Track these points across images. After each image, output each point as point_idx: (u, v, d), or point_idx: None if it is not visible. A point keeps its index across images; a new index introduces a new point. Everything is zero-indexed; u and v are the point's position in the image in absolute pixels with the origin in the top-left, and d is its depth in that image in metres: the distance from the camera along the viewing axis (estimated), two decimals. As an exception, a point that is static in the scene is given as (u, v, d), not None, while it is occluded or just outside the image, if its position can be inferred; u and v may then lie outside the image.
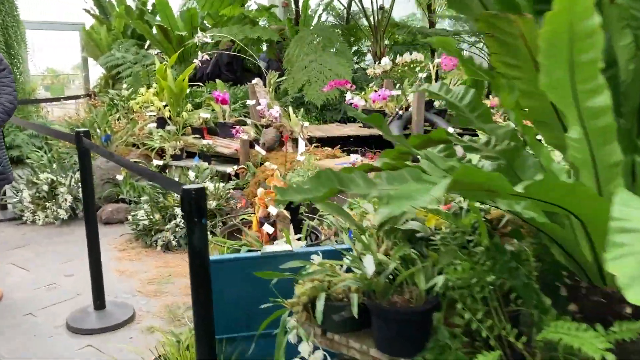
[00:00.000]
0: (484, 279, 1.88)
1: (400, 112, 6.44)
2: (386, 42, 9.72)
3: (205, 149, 5.97)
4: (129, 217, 5.20)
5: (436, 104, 6.61)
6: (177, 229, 4.92)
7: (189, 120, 6.52)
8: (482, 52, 10.18)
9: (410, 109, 6.51)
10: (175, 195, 5.01)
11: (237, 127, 5.64)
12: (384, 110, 6.79)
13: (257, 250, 3.27)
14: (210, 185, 5.24)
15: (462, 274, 1.86)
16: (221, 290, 2.48)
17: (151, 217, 4.99)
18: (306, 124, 5.75)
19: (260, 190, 4.11)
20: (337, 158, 5.54)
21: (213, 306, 2.17)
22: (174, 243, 4.89)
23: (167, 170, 5.95)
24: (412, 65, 7.03)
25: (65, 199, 5.60)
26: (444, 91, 2.57)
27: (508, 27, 1.75)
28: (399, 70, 7.03)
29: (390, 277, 2.04)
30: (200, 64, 6.68)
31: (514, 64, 1.87)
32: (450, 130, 6.36)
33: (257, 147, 5.61)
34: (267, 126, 6.11)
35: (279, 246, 2.54)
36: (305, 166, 5.17)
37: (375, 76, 7.23)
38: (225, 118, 6.82)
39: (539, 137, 2.04)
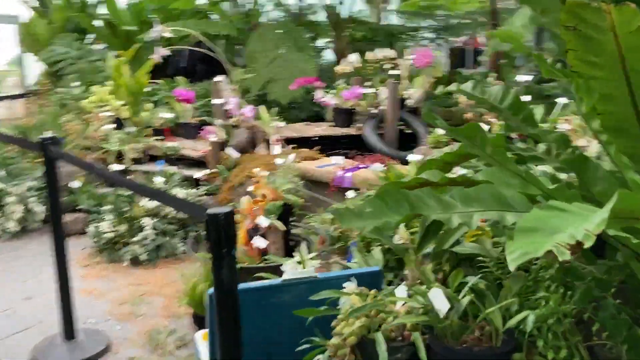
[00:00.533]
0: (562, 310, 1.63)
1: (375, 111, 6.20)
2: (344, 38, 9.45)
3: (170, 152, 5.53)
4: (90, 228, 4.72)
5: (409, 101, 6.40)
6: (146, 242, 4.48)
7: (150, 120, 6.04)
8: (442, 46, 10.06)
9: (380, 107, 6.27)
10: (143, 204, 4.57)
11: (207, 127, 5.23)
12: (354, 109, 6.53)
13: (253, 268, 2.90)
14: (181, 192, 4.82)
15: (553, 308, 1.60)
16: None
17: (116, 228, 4.53)
18: (280, 123, 5.41)
19: (245, 199, 3.76)
20: (315, 160, 5.23)
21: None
22: (143, 257, 4.46)
23: (127, 176, 5.48)
24: (380, 63, 6.80)
25: (14, 210, 5.04)
26: (479, 91, 2.32)
27: (596, 19, 1.50)
28: (369, 68, 6.78)
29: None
30: (160, 60, 6.20)
31: (596, 62, 1.62)
32: (422, 130, 6.16)
33: (228, 150, 5.23)
34: (235, 126, 5.74)
35: (300, 270, 2.22)
36: (285, 170, 4.83)
37: (343, 73, 6.96)
38: (187, 118, 6.39)
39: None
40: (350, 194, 4.55)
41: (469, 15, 9.64)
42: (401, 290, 1.77)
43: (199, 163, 5.61)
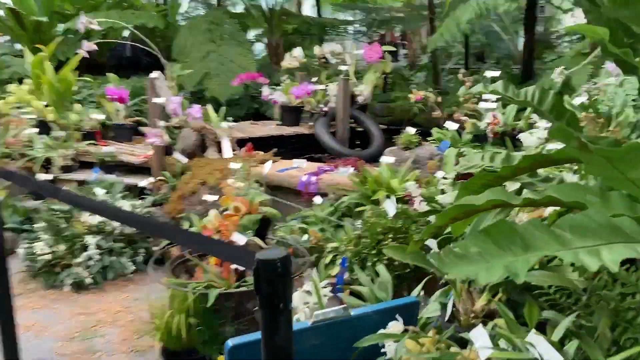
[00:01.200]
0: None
1: (325, 109, 5.91)
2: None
3: (107, 158, 4.96)
4: (20, 249, 4.11)
5: (359, 98, 6.16)
6: (90, 263, 3.95)
7: (79, 123, 5.41)
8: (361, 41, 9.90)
9: (329, 104, 5.99)
10: (85, 219, 4.03)
11: (151, 130, 4.72)
12: (302, 106, 6.21)
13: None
14: (125, 205, 4.30)
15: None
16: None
17: (54, 249, 3.96)
18: (231, 124, 5.00)
19: (213, 214, 3.35)
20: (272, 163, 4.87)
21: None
22: (88, 281, 3.92)
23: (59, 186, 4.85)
24: (325, 58, 6.51)
25: None
26: (512, 92, 2.08)
27: None
28: (315, 63, 6.48)
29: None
30: (86, 54, 5.57)
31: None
32: (374, 128, 5.94)
33: (175, 154, 4.75)
34: (178, 127, 5.25)
35: (333, 309, 1.88)
36: (242, 175, 4.44)
37: (288, 69, 6.61)
38: (121, 119, 5.80)
39: None
40: (317, 199, 4.25)
41: (403, 8, 9.56)
42: (480, 335, 1.48)
43: (140, 169, 5.08)
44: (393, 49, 6.87)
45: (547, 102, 2.01)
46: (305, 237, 3.90)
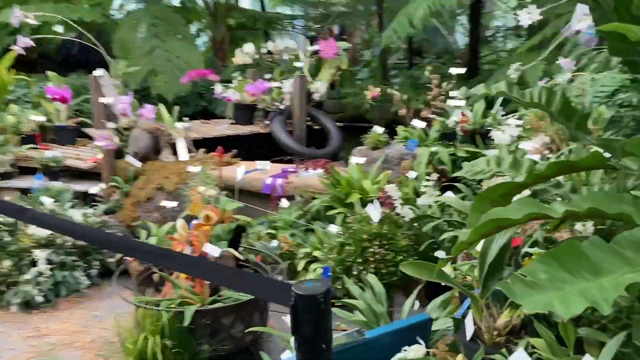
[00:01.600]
0: None
1: (282, 107, 5.72)
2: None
3: (51, 163, 4.59)
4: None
5: (315, 95, 6.01)
6: (41, 279, 3.62)
7: (18, 125, 5.00)
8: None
9: (285, 103, 5.82)
10: (32, 231, 3.69)
11: (102, 132, 4.39)
12: (256, 105, 6.00)
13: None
14: (76, 215, 3.98)
15: None
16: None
17: (-3, 266, 3.61)
18: (187, 124, 4.74)
19: (180, 223, 3.12)
20: (231, 165, 4.65)
21: None
22: (39, 299, 3.60)
23: (-3, 195, 4.45)
24: (276, 55, 6.32)
25: None
26: (516, 92, 1.99)
27: None
28: (267, 59, 6.28)
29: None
30: (22, 50, 5.14)
31: None
32: (332, 126, 5.82)
33: (128, 158, 4.45)
34: (128, 129, 4.93)
35: (344, 333, 1.73)
36: (202, 179, 4.20)
37: (238, 65, 6.37)
38: (63, 120, 5.41)
39: None
40: (284, 203, 4.08)
41: (349, 3, 9.46)
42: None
43: (88, 175, 4.74)
44: (349, 45, 6.73)
45: (555, 103, 1.93)
46: (275, 243, 3.73)
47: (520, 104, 1.97)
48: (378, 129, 4.09)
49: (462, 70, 4.44)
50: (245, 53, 6.30)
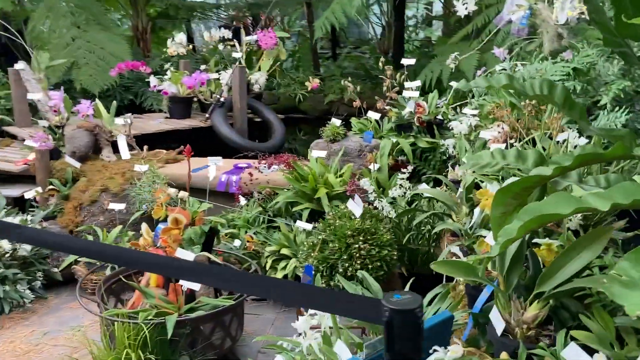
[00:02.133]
0: None
1: (222, 99, 5.53)
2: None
3: (-24, 167, 4.16)
4: None
5: (255, 87, 5.86)
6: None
7: None
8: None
9: (223, 94, 5.63)
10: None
11: (34, 131, 4.02)
12: (192, 97, 5.76)
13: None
14: (15, 222, 3.63)
15: None
16: None
17: None
18: (128, 120, 4.45)
19: (144, 228, 2.93)
20: (178, 162, 4.43)
21: None
22: (-21, 318, 3.26)
23: None
24: (216, 44, 6.10)
25: None
26: (518, 84, 2.01)
27: None
28: (204, 50, 6.03)
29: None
30: None
31: None
32: (274, 118, 5.71)
33: (67, 158, 4.12)
34: (59, 127, 4.57)
35: (375, 340, 1.66)
36: (149, 178, 3.98)
37: (172, 56, 6.07)
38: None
39: None
40: (242, 200, 3.95)
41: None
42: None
43: (19, 178, 4.35)
44: (287, 35, 6.61)
45: (558, 95, 1.96)
46: (238, 242, 3.60)
47: (525, 96, 1.98)
48: (335, 121, 4.04)
49: (412, 62, 4.47)
50: (178, 43, 6.01)
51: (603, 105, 3.52)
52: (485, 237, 2.06)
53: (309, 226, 3.22)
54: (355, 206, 2.78)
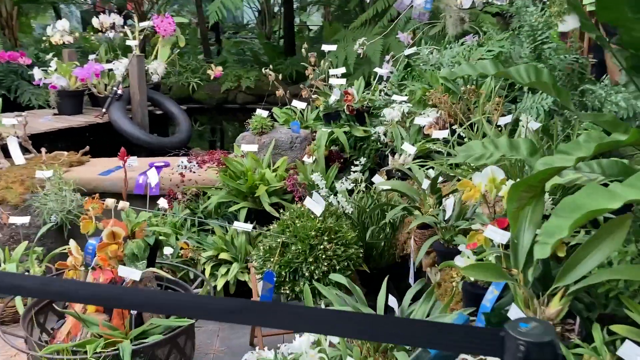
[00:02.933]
0: None
1: (119, 91, 5.03)
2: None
3: None
4: None
5: (154, 77, 5.41)
6: None
7: None
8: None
9: (121, 87, 5.14)
10: None
11: None
12: (83, 91, 5.20)
13: None
14: None
15: None
16: None
17: None
18: (20, 119, 3.88)
19: (73, 245, 2.56)
20: (83, 165, 3.95)
21: None
22: None
23: None
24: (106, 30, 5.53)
25: None
26: (511, 70, 1.95)
27: None
28: (91, 37, 5.45)
29: None
30: None
31: None
32: (177, 110, 5.36)
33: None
34: None
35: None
36: (54, 185, 3.50)
37: (57, 45, 5.41)
38: None
39: None
40: (162, 202, 3.60)
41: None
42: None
43: None
44: (186, 20, 6.17)
45: (546, 80, 1.93)
46: (169, 250, 3.27)
47: (519, 82, 1.92)
48: (262, 113, 3.80)
49: (334, 47, 4.34)
50: (62, 31, 5.37)
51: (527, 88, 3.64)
52: (479, 230, 1.99)
53: (248, 227, 3.00)
54: (314, 204, 2.60)
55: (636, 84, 2.01)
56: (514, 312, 1.67)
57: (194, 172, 3.54)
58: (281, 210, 2.80)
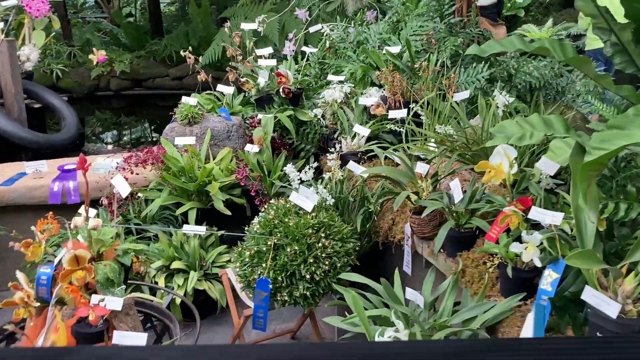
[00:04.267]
0: None
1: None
2: None
3: None
4: None
5: (27, 65, 4.64)
6: None
7: None
8: None
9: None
10: None
11: None
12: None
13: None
14: None
15: None
16: None
17: None
18: None
19: (21, 277, 2.10)
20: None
21: None
22: None
23: None
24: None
25: None
26: (553, 46, 1.90)
27: None
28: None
29: None
30: None
31: None
32: (59, 103, 4.72)
33: None
34: None
35: None
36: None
37: None
38: None
39: None
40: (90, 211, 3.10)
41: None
42: None
43: None
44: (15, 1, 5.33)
45: (568, 53, 1.90)
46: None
47: (555, 59, 1.86)
48: (190, 101, 3.40)
49: (255, 26, 4.03)
50: None
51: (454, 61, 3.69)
52: (508, 212, 1.92)
53: (201, 229, 2.67)
54: (302, 199, 2.36)
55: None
56: (589, 293, 1.63)
57: (137, 174, 3.08)
58: (264, 207, 2.52)
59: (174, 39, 7.05)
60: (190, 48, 3.73)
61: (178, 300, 2.82)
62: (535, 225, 2.01)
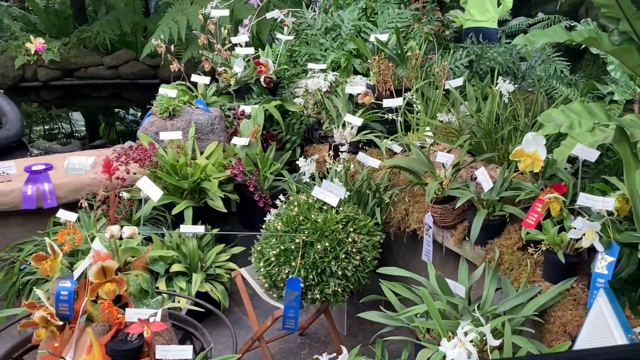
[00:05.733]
0: None
1: None
2: None
3: None
4: None
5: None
6: None
7: None
8: None
9: None
10: None
11: None
12: None
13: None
14: None
15: None
16: None
17: None
18: None
19: (42, 294, 1.92)
20: None
21: None
22: None
23: None
24: None
25: None
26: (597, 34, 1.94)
27: None
28: None
29: None
30: None
31: None
32: (1, 101, 4.32)
33: None
34: None
35: None
36: None
37: None
38: None
39: None
40: (68, 215, 2.85)
41: None
42: None
43: None
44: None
45: (605, 44, 1.95)
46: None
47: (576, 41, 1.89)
48: (170, 92, 3.19)
49: (226, 12, 3.85)
50: None
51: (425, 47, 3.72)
52: (549, 198, 1.97)
53: (200, 229, 2.54)
54: (326, 194, 2.29)
55: None
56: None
57: (134, 173, 2.85)
58: (280, 203, 2.41)
59: (105, 25, 6.60)
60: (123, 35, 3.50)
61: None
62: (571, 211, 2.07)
